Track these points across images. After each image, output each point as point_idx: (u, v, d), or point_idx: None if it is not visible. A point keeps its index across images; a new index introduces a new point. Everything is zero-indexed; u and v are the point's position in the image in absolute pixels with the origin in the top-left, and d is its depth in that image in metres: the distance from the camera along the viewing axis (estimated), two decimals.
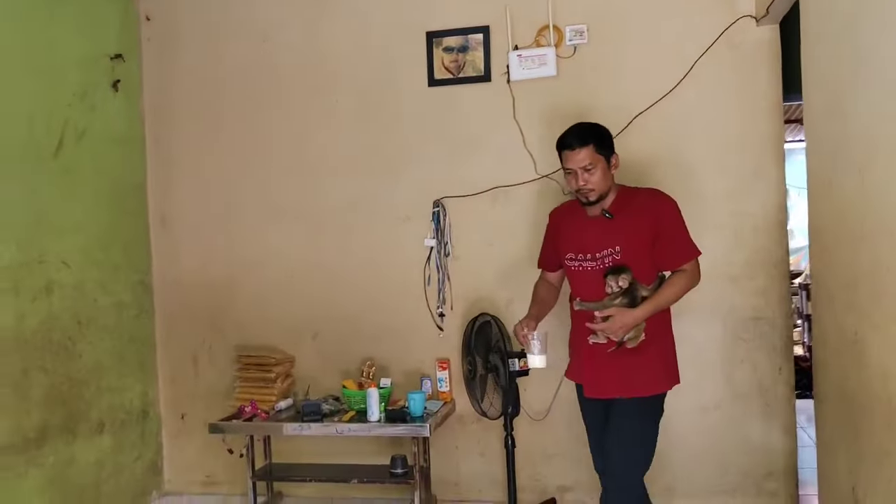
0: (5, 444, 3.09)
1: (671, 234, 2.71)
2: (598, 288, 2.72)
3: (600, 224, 2.75)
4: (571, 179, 2.72)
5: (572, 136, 2.71)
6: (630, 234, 2.70)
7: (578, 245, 2.79)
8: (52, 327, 3.35)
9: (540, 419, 3.71)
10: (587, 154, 2.67)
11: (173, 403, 4.12)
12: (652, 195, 2.80)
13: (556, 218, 3.01)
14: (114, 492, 3.74)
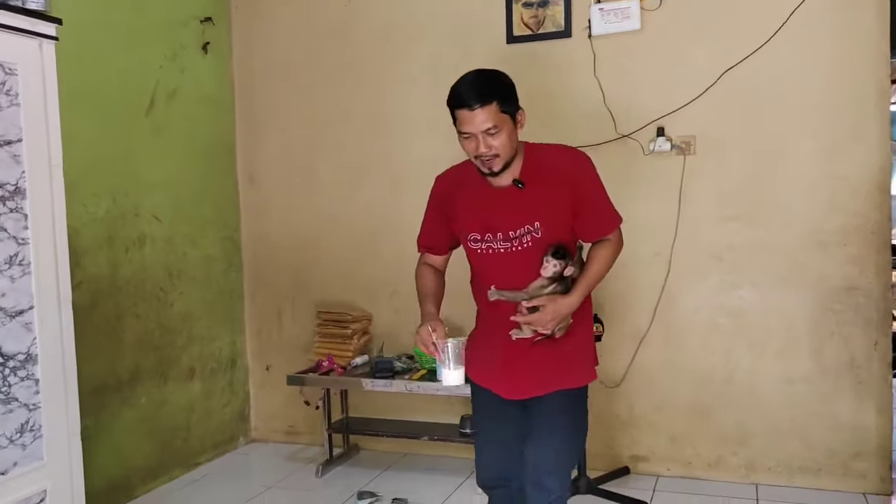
0: (101, 384, 3.32)
1: (593, 201, 2.22)
2: (515, 273, 2.18)
3: (510, 196, 2.18)
4: (469, 144, 2.12)
5: (469, 91, 2.09)
6: (549, 207, 2.17)
7: (484, 223, 2.21)
8: (144, 277, 3.57)
9: (614, 387, 3.64)
10: (490, 114, 2.07)
11: (259, 355, 4.31)
12: (565, 155, 2.25)
13: (445, 186, 2.34)
14: (203, 435, 3.96)
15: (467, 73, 2.17)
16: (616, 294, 3.60)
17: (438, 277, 2.40)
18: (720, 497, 3.32)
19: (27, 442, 2.49)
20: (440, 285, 2.39)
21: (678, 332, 3.54)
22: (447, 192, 2.31)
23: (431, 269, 2.41)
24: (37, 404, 2.52)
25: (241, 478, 3.77)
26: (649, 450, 3.62)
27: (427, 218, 2.41)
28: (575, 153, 2.26)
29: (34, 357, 2.52)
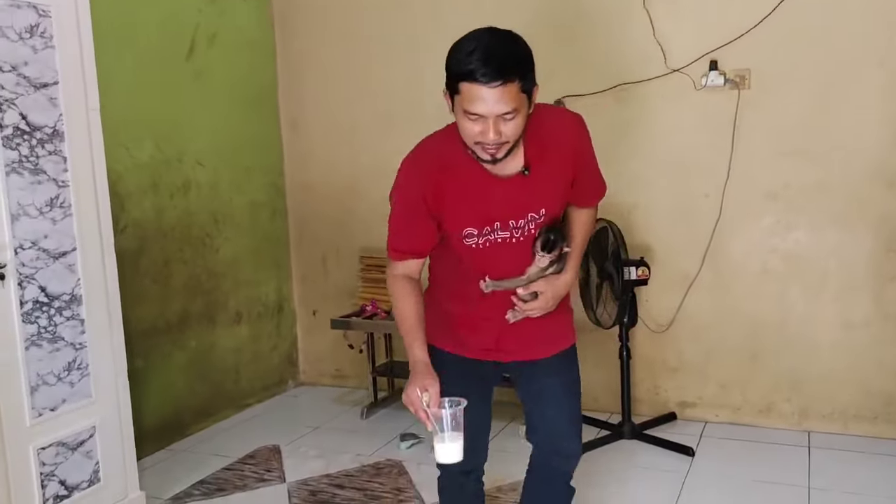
0: (150, 327, 3.41)
1: (590, 170, 1.96)
2: (514, 262, 1.91)
3: (514, 185, 1.83)
4: (473, 127, 1.69)
5: (489, 62, 1.64)
6: (554, 190, 1.89)
7: (483, 217, 1.85)
8: (189, 223, 3.61)
9: (661, 331, 3.55)
10: (510, 95, 1.64)
11: (305, 300, 4.36)
12: (564, 125, 1.90)
13: (425, 175, 1.84)
14: (252, 377, 4.05)
15: (477, 34, 1.70)
16: (663, 237, 3.49)
17: (420, 298, 1.90)
18: (770, 444, 3.23)
19: (75, 380, 2.57)
20: (422, 309, 1.89)
21: (729, 276, 3.42)
22: (430, 182, 1.83)
23: (411, 286, 1.90)
24: (83, 344, 2.60)
25: (289, 418, 3.85)
26: (697, 396, 3.54)
27: (401, 216, 1.88)
28: (573, 121, 1.92)
29: (79, 298, 2.58)
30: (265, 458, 3.28)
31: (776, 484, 2.84)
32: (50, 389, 2.48)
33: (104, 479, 2.66)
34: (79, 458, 2.58)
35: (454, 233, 1.87)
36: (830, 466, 2.98)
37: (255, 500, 2.88)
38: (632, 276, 3.21)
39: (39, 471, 2.44)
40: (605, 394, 3.67)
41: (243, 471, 3.15)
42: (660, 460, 3.11)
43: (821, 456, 3.09)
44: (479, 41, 1.67)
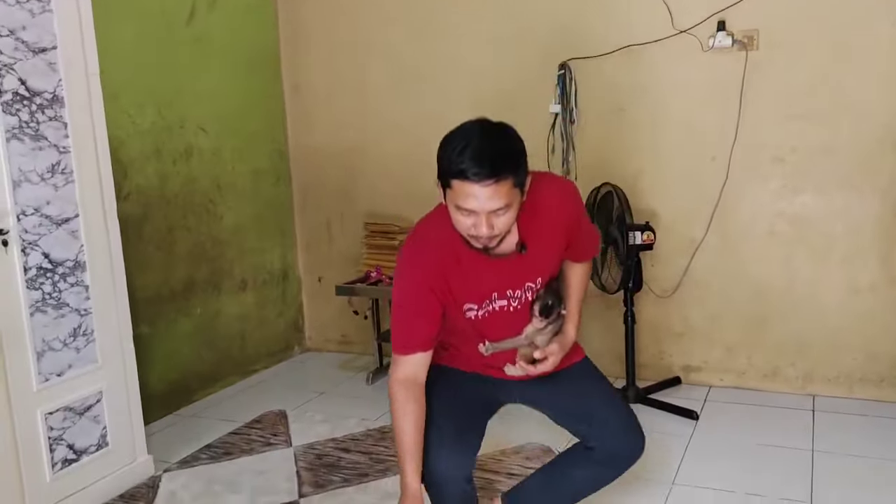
0: (155, 294, 3.42)
1: (583, 230, 2.01)
2: (512, 325, 1.94)
3: (511, 262, 1.87)
4: (465, 221, 1.70)
5: (481, 160, 1.64)
6: (550, 259, 1.93)
7: (482, 293, 1.88)
8: (192, 190, 3.60)
9: (666, 296, 3.54)
10: (503, 192, 1.66)
11: (310, 267, 4.36)
12: (557, 196, 1.91)
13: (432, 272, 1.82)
14: (258, 344, 4.07)
15: (468, 129, 1.70)
16: (669, 202, 3.46)
17: (422, 414, 1.85)
18: (774, 408, 3.24)
19: (80, 345, 2.58)
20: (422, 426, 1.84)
21: (735, 241, 3.39)
22: (434, 274, 1.82)
23: (414, 397, 1.84)
24: (87, 310, 2.61)
25: (295, 384, 3.87)
26: (702, 360, 3.54)
27: (407, 309, 1.85)
28: (565, 190, 1.94)
29: (82, 264, 2.59)
30: (272, 422, 3.31)
31: (780, 447, 2.84)
32: (56, 355, 2.50)
33: (112, 443, 2.69)
34: (86, 423, 2.61)
35: (457, 310, 1.88)
36: (835, 430, 2.99)
37: (261, 463, 2.91)
38: (637, 240, 3.20)
39: (48, 435, 2.46)
40: (609, 359, 3.66)
41: (250, 435, 3.18)
42: (664, 424, 3.12)
43: (825, 419, 3.09)
44: (469, 138, 1.66)
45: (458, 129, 1.71)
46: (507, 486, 2.33)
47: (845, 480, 2.57)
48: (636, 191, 3.45)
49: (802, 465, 2.70)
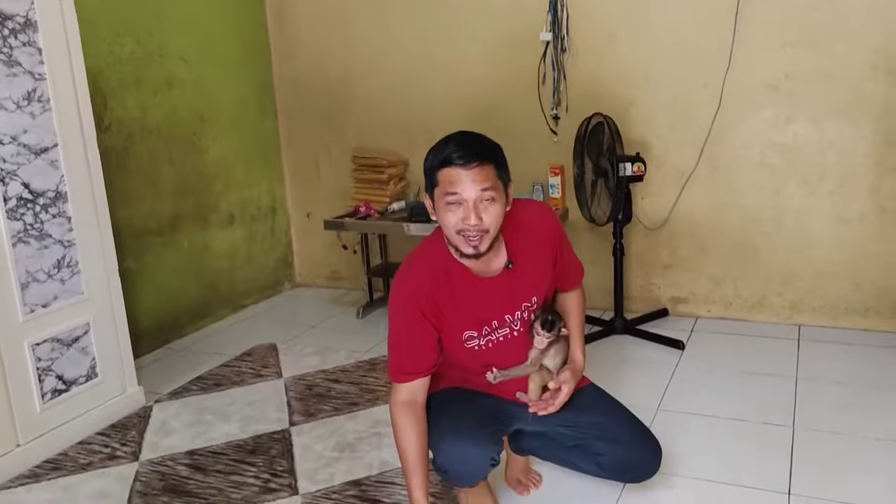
0: (141, 227, 3.38)
1: (567, 254, 2.02)
2: (514, 353, 1.94)
3: (503, 281, 1.88)
4: (455, 214, 1.73)
5: (464, 146, 1.73)
6: (541, 278, 1.94)
7: (479, 318, 1.89)
8: (175, 122, 3.53)
9: (656, 228, 3.53)
10: (487, 174, 1.72)
11: (299, 202, 4.32)
12: (539, 218, 1.96)
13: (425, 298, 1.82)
14: (248, 279, 4.06)
15: (453, 134, 1.79)
16: (661, 133, 3.42)
17: (423, 431, 1.86)
18: (760, 337, 3.27)
19: (65, 277, 2.56)
20: (425, 444, 1.86)
21: (726, 171, 3.37)
22: (430, 303, 1.83)
23: (414, 416, 1.86)
24: (71, 241, 2.58)
25: (286, 318, 3.88)
26: (689, 292, 3.56)
27: (402, 336, 1.87)
28: (545, 212, 2.00)
29: (64, 195, 2.54)
30: (262, 355, 3.32)
31: (764, 375, 2.88)
32: (41, 286, 2.48)
33: (101, 374, 2.70)
34: (75, 354, 2.61)
35: (456, 339, 1.88)
36: (819, 358, 3.02)
37: (252, 394, 2.93)
38: (627, 172, 3.17)
39: (36, 366, 2.46)
40: (598, 292, 3.68)
41: (240, 367, 3.20)
42: (650, 354, 3.15)
43: (810, 348, 3.12)
44: (452, 136, 1.78)
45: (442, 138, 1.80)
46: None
47: (827, 406, 2.61)
48: (627, 122, 3.41)
49: (786, 391, 2.73)
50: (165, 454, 2.47)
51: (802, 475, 2.18)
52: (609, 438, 1.93)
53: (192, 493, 2.22)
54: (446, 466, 1.86)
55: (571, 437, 2.00)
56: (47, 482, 2.33)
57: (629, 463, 1.96)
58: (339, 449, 2.44)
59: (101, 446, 2.54)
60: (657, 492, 2.14)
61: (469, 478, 1.90)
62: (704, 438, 2.43)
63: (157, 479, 2.31)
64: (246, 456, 2.43)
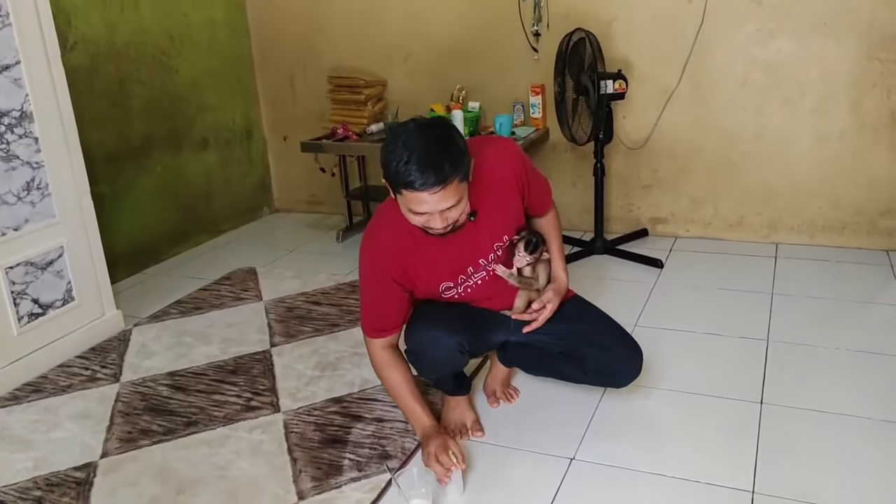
0: (112, 151, 3.30)
1: (533, 183, 1.98)
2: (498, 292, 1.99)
3: (468, 231, 1.86)
4: (419, 218, 1.72)
5: (424, 169, 1.63)
6: (507, 219, 1.94)
7: (453, 269, 1.92)
8: (144, 41, 3.41)
9: (637, 148, 3.51)
10: (451, 192, 1.67)
11: (275, 126, 4.23)
12: (497, 160, 1.89)
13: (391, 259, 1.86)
14: (225, 204, 4.01)
15: (408, 136, 1.66)
16: (643, 50, 3.36)
17: (406, 366, 1.97)
18: (738, 255, 3.30)
19: (36, 199, 2.50)
20: (411, 376, 1.97)
21: (707, 89, 3.32)
22: (398, 264, 1.86)
23: (394, 355, 1.96)
24: (39, 163, 2.51)
25: (265, 243, 3.85)
26: (669, 212, 3.56)
27: (374, 298, 1.92)
28: (506, 153, 1.92)
29: (29, 115, 2.46)
30: (241, 279, 3.31)
31: (741, 291, 2.91)
32: (10, 209, 2.42)
33: (78, 297, 2.68)
34: (49, 278, 2.58)
35: (433, 292, 1.93)
36: (795, 274, 3.06)
37: (232, 316, 2.92)
38: (608, 89, 3.12)
39: (10, 289, 2.43)
40: (579, 213, 3.69)
41: (220, 291, 3.18)
42: (629, 273, 3.18)
43: (787, 265, 3.16)
44: (411, 149, 1.65)
45: (398, 136, 1.69)
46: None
47: (801, 319, 2.65)
48: (609, 38, 3.33)
49: (761, 306, 2.77)
50: (146, 375, 2.47)
51: (775, 385, 2.23)
52: (593, 343, 1.99)
53: (174, 411, 2.24)
54: (416, 349, 1.93)
55: (556, 346, 2.05)
56: (28, 404, 2.33)
57: (613, 367, 2.02)
58: (320, 368, 2.46)
59: (81, 369, 2.54)
60: (634, 401, 2.18)
61: (439, 364, 1.96)
62: (681, 352, 2.47)
63: (139, 399, 2.32)
64: (227, 376, 2.44)
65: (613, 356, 2.01)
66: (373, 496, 1.80)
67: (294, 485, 1.85)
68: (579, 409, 2.15)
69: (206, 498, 1.83)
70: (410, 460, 1.95)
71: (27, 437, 2.14)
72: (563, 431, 2.05)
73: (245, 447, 2.03)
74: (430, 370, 2.02)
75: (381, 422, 2.11)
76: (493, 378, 2.25)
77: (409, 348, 1.95)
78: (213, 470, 1.94)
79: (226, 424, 2.15)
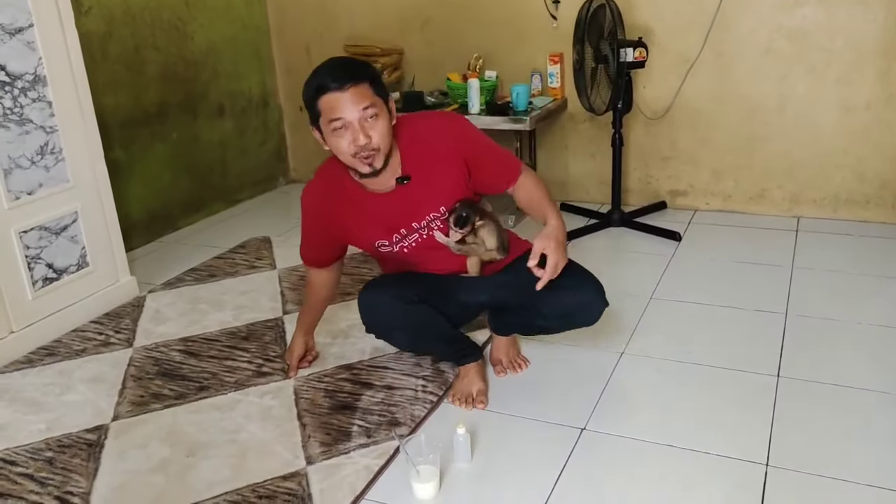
0: (127, 117, 3.29)
1: (485, 156, 1.97)
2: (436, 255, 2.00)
3: (401, 195, 1.91)
4: (344, 139, 1.75)
5: (336, 71, 1.75)
6: (443, 189, 1.93)
7: (387, 228, 1.96)
8: (159, 6, 3.38)
9: (656, 118, 3.44)
10: (364, 93, 1.73)
11: (292, 95, 4.20)
12: (435, 127, 1.95)
13: (318, 204, 1.99)
14: (241, 173, 4.00)
15: (322, 63, 1.81)
16: (665, 17, 3.28)
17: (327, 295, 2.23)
18: (758, 229, 3.23)
19: (49, 164, 2.51)
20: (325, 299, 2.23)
21: (731, 58, 3.24)
22: (325, 212, 1.98)
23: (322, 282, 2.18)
24: (53, 127, 2.51)
25: (280, 213, 3.84)
26: (689, 184, 3.50)
27: (307, 233, 2.09)
28: (449, 122, 1.98)
29: (43, 78, 2.46)
30: (255, 247, 3.30)
31: (760, 265, 2.86)
32: (24, 173, 2.43)
33: (92, 263, 2.69)
34: (64, 243, 2.58)
35: (366, 246, 2.05)
36: (816, 248, 2.99)
37: (245, 284, 2.92)
38: (628, 57, 3.05)
39: (24, 254, 2.44)
40: (596, 185, 3.64)
41: (234, 259, 3.18)
42: (646, 245, 3.13)
43: (808, 239, 3.10)
44: (322, 65, 1.80)
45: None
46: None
47: (821, 293, 2.60)
48: (630, 4, 3.26)
49: (781, 280, 2.72)
50: (159, 341, 2.48)
51: (793, 359, 2.19)
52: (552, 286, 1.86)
53: (186, 376, 2.24)
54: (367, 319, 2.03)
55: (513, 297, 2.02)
56: (42, 367, 2.35)
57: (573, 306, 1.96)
58: (331, 335, 2.45)
59: (95, 333, 2.56)
60: (648, 373, 2.16)
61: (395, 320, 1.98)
62: (697, 325, 2.43)
63: (152, 364, 2.33)
64: (239, 342, 2.44)
65: (574, 297, 1.94)
66: (381, 462, 1.79)
67: (303, 449, 1.85)
68: (591, 380, 2.13)
69: (215, 461, 1.83)
70: (419, 428, 1.94)
71: (40, 400, 2.16)
72: (574, 401, 2.03)
73: (255, 412, 2.04)
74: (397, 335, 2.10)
75: (390, 389, 2.11)
76: (495, 348, 2.24)
77: (364, 320, 2.04)
78: (223, 434, 1.95)
79: (237, 390, 2.15)
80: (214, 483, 1.75)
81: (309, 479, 1.75)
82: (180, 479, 1.78)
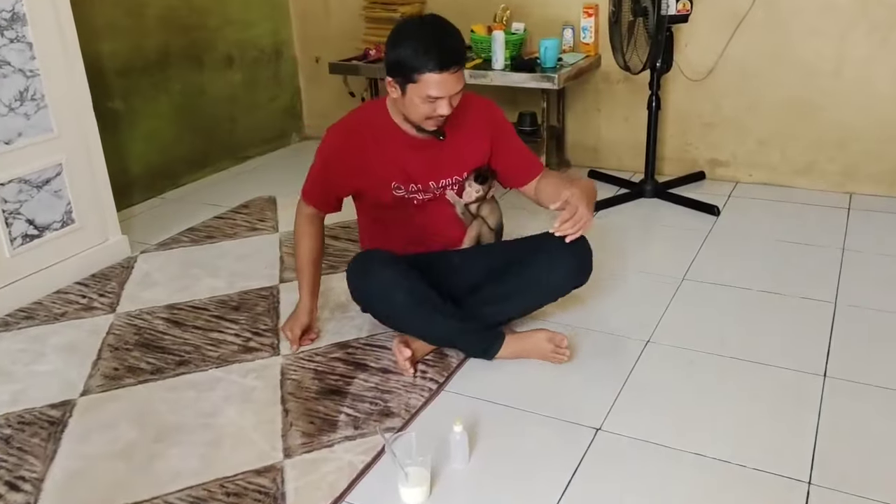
0: (125, 64, 3.08)
1: (514, 148, 2.08)
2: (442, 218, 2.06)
3: (430, 149, 1.96)
4: (428, 107, 1.82)
5: (449, 51, 1.79)
6: (467, 157, 2.02)
7: (406, 175, 1.98)
8: None
9: (699, 80, 3.14)
10: (461, 76, 1.84)
11: (307, 45, 3.95)
12: (479, 105, 2.04)
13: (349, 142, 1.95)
14: (251, 128, 3.78)
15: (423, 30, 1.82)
16: None
17: (319, 243, 2.10)
18: (805, 205, 2.95)
19: (30, 111, 2.30)
20: (319, 254, 2.11)
21: (784, 14, 2.93)
22: (349, 148, 1.95)
23: (314, 228, 2.09)
24: (34, 71, 2.30)
25: (290, 171, 3.61)
26: (731, 153, 3.21)
27: (321, 173, 2.02)
28: (488, 103, 2.08)
29: (21, 17, 2.24)
30: (259, 208, 3.10)
31: (806, 245, 2.59)
32: (2, 120, 2.23)
33: (79, 220, 2.50)
34: (46, 197, 2.40)
35: (381, 186, 1.98)
36: (871, 229, 2.70)
37: (244, 247, 2.73)
38: (670, 9, 2.76)
39: (2, 208, 2.26)
40: (629, 152, 3.36)
41: (235, 220, 2.98)
42: (681, 219, 2.86)
43: (861, 218, 2.80)
44: (429, 37, 1.80)
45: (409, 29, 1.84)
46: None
47: (876, 280, 2.33)
48: None
49: (830, 264, 2.44)
50: (144, 307, 2.30)
51: (842, 356, 1.93)
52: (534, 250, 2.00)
53: (167, 349, 2.06)
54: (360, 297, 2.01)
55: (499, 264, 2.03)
56: (17, 331, 2.18)
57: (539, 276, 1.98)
58: (328, 309, 2.24)
59: (77, 296, 2.38)
60: (674, 368, 1.92)
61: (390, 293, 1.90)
62: (733, 312, 2.18)
63: (132, 333, 2.15)
64: (228, 312, 2.25)
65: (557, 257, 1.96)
66: (367, 459, 1.59)
67: (282, 440, 1.66)
68: (610, 375, 1.90)
69: (185, 448, 1.65)
70: (414, 420, 1.74)
71: (8, 369, 2.00)
72: (590, 398, 1.81)
73: (236, 393, 1.85)
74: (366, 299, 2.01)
75: (385, 373, 1.90)
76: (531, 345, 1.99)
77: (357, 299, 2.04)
78: (198, 417, 1.76)
79: (219, 366, 1.97)
80: (180, 474, 1.57)
81: (284, 474, 1.56)
82: (143, 468, 1.60)
